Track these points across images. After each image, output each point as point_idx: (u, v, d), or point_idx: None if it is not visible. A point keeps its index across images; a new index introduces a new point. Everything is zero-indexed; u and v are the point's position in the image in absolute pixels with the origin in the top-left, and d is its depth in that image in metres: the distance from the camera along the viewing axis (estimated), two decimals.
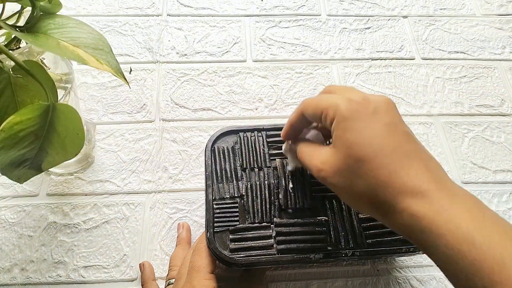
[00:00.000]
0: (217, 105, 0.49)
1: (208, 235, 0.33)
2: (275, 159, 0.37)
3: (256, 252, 0.32)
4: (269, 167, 0.37)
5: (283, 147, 0.35)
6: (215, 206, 0.34)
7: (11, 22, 0.30)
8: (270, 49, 0.54)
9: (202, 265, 0.32)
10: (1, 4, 0.29)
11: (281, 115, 0.48)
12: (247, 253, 0.32)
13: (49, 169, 0.39)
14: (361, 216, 0.35)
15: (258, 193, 0.35)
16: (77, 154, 0.32)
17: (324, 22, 0.57)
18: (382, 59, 0.54)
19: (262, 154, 0.37)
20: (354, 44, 0.55)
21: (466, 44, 0.56)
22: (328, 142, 0.32)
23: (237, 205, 0.35)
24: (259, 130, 0.39)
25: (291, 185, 0.35)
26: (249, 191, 0.35)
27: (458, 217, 0.21)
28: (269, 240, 0.33)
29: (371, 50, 0.54)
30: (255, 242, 0.33)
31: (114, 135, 0.46)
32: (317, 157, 0.27)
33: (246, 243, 0.33)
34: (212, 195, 0.35)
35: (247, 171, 0.36)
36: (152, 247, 0.40)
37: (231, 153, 0.37)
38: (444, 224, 0.21)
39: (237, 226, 0.33)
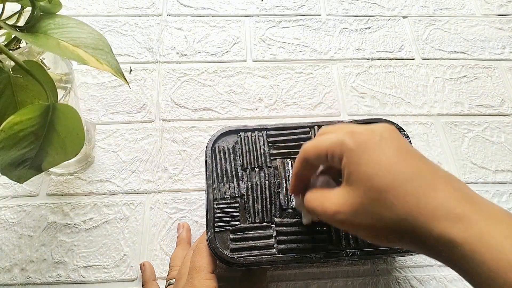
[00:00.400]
0: (217, 105, 0.49)
1: (209, 234, 0.33)
2: (275, 159, 0.37)
3: (256, 252, 0.32)
4: (270, 167, 0.37)
5: (294, 202, 0.34)
6: (215, 206, 0.34)
7: (11, 22, 0.30)
8: (270, 49, 0.54)
9: (202, 265, 0.32)
10: (1, 4, 0.29)
11: (281, 115, 0.48)
12: (247, 253, 0.32)
13: (49, 169, 0.39)
14: None
15: (259, 193, 0.35)
16: (77, 154, 0.32)
17: (324, 22, 0.57)
18: (382, 59, 0.54)
19: (262, 154, 0.37)
20: (354, 44, 0.55)
21: (466, 44, 0.56)
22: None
23: (237, 205, 0.35)
24: (260, 130, 0.39)
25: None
26: (249, 191, 0.35)
27: (500, 242, 0.20)
28: (269, 240, 0.33)
29: (371, 50, 0.54)
30: (255, 242, 0.33)
31: (114, 135, 0.46)
32: (330, 201, 0.26)
33: (246, 243, 0.33)
34: (213, 195, 0.35)
35: (247, 171, 0.36)
36: (152, 247, 0.40)
37: (231, 153, 0.37)
38: (485, 250, 0.20)
39: (238, 226, 0.34)
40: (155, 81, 0.50)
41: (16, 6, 0.30)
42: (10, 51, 0.26)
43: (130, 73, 0.51)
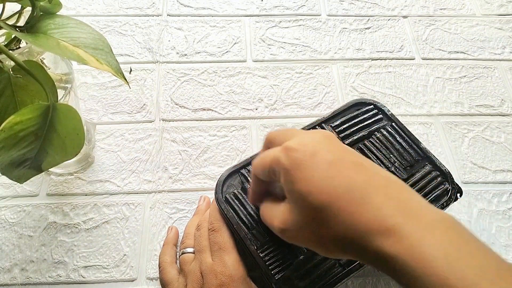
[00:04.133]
0: (217, 105, 0.49)
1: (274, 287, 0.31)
2: None
3: (328, 276, 0.31)
4: None
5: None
6: (262, 255, 0.32)
7: (11, 22, 0.30)
8: (270, 49, 0.54)
9: (226, 242, 0.33)
10: (1, 4, 0.29)
11: (281, 115, 0.48)
12: (320, 283, 0.31)
13: (49, 169, 0.39)
14: None
15: None
16: (77, 154, 0.32)
17: (324, 22, 0.57)
18: (382, 59, 0.54)
19: None
20: (354, 44, 0.55)
21: (466, 44, 0.56)
22: None
23: (281, 242, 0.32)
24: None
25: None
26: None
27: (431, 254, 0.20)
28: (330, 260, 0.32)
29: (371, 50, 0.54)
30: (320, 267, 0.32)
31: (114, 135, 0.46)
32: (277, 218, 0.26)
33: (313, 274, 0.31)
34: (253, 245, 0.32)
35: None
36: (152, 247, 0.40)
37: (245, 196, 0.35)
38: (417, 264, 0.20)
39: (294, 262, 0.32)
40: (155, 81, 0.50)
41: (16, 6, 0.30)
42: (10, 51, 0.26)
43: (130, 73, 0.51)
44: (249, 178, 0.36)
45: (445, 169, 0.36)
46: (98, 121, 0.47)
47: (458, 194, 0.35)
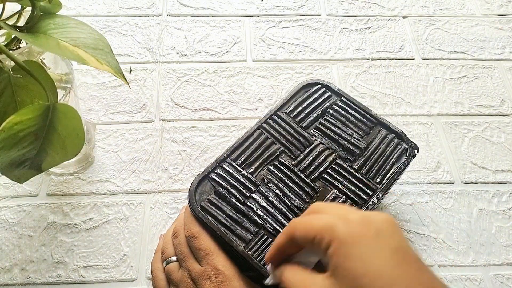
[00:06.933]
0: (217, 105, 0.49)
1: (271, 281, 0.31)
2: (258, 174, 0.36)
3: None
4: (260, 184, 0.35)
5: (267, 267, 0.29)
6: (250, 252, 0.32)
7: (11, 22, 0.30)
8: (270, 49, 0.54)
9: (212, 246, 0.32)
10: (1, 4, 0.29)
11: None
12: None
13: (49, 169, 0.39)
14: (355, 166, 0.36)
15: (272, 210, 0.34)
16: (77, 154, 0.32)
17: (324, 22, 0.57)
18: (382, 59, 0.54)
19: (244, 179, 0.35)
20: (354, 44, 0.55)
21: (466, 44, 0.56)
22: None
23: (266, 236, 0.33)
24: (223, 160, 0.36)
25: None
26: (264, 216, 0.34)
27: None
28: None
29: (371, 50, 0.54)
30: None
31: (114, 135, 0.46)
32: None
33: None
34: (239, 245, 0.32)
35: (246, 202, 0.34)
36: (152, 247, 0.40)
37: (219, 198, 0.34)
38: None
39: None
40: (155, 81, 0.50)
41: (16, 6, 0.30)
42: (10, 51, 0.26)
43: (130, 73, 0.51)
44: (219, 181, 0.35)
45: (398, 130, 0.38)
46: (98, 121, 0.47)
47: (416, 151, 0.38)
